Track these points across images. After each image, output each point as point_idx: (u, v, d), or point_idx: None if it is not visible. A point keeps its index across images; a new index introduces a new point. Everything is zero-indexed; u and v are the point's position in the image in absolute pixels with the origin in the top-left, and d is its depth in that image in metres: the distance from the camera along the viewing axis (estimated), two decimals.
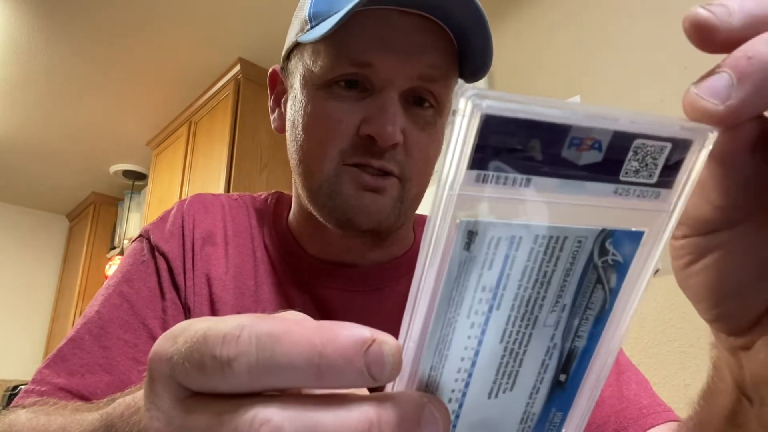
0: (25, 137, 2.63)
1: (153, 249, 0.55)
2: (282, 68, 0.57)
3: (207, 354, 0.17)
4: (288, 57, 0.55)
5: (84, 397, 0.47)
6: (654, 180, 0.18)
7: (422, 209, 0.58)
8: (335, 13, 0.47)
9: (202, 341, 0.17)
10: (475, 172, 0.16)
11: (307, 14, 0.50)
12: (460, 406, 0.20)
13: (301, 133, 0.51)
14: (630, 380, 0.51)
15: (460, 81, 0.55)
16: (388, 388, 0.19)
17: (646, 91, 1.21)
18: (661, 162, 0.18)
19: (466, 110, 0.16)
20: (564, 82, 1.40)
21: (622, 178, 0.18)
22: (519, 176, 0.17)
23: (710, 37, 0.18)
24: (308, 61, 0.51)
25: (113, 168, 2.96)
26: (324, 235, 0.55)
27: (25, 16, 1.84)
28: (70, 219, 3.55)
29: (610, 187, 0.18)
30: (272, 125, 0.60)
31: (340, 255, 0.56)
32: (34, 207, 3.48)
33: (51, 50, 2.01)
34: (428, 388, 0.20)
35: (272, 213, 0.61)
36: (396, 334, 0.18)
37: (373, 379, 0.17)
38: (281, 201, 0.63)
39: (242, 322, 0.17)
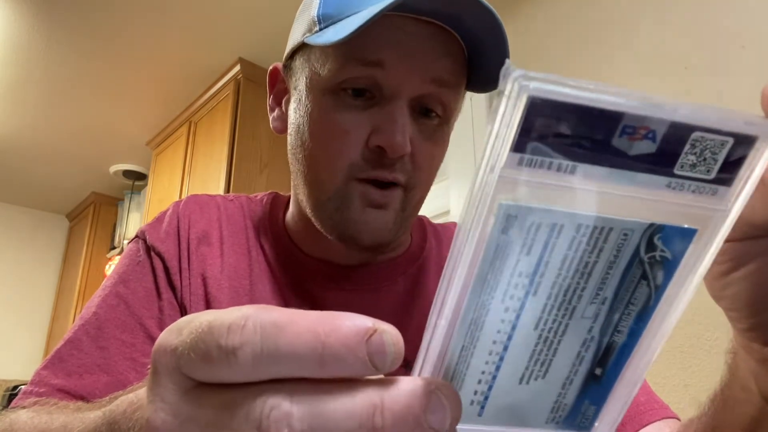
0: (25, 137, 2.63)
1: (149, 249, 0.55)
2: (285, 66, 0.56)
3: (212, 344, 0.17)
4: (292, 56, 0.54)
5: (83, 398, 0.47)
6: (712, 176, 0.17)
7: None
8: (346, 17, 0.46)
9: (207, 331, 0.18)
10: (517, 156, 0.16)
11: (315, 15, 0.49)
12: (490, 388, 0.20)
13: (307, 139, 0.51)
14: None
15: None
16: (417, 365, 0.19)
17: (646, 91, 1.21)
18: (721, 157, 0.17)
19: (512, 92, 0.15)
20: None
21: (676, 172, 0.17)
22: (564, 162, 0.16)
23: None
24: (316, 64, 0.49)
25: (113, 168, 2.96)
26: (320, 235, 0.54)
27: (25, 16, 1.84)
28: (70, 219, 3.55)
29: (662, 180, 0.17)
30: (271, 125, 0.59)
31: (336, 255, 0.56)
32: (34, 207, 3.48)
33: (51, 50, 2.01)
34: (458, 366, 0.19)
35: (268, 213, 0.61)
36: None
37: (375, 368, 0.17)
38: (277, 201, 0.63)
39: (246, 312, 0.18)
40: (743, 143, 0.17)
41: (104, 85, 2.24)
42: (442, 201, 1.55)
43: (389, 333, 0.17)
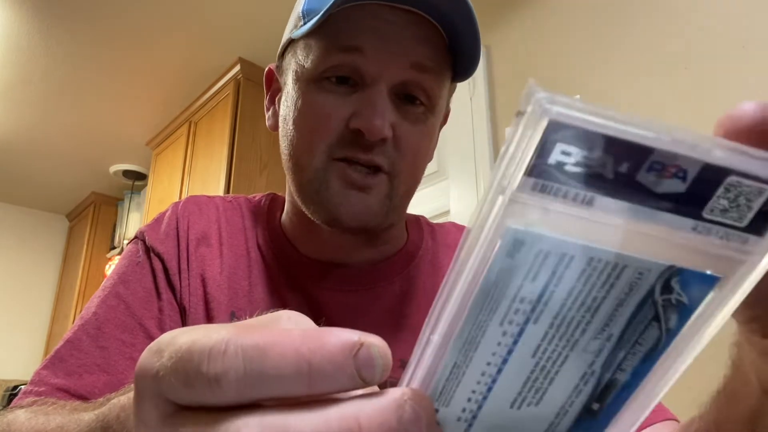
0: (25, 137, 2.63)
1: (148, 250, 0.55)
2: (277, 67, 0.58)
3: (193, 370, 0.17)
4: (283, 55, 0.56)
5: (82, 397, 0.47)
6: (744, 224, 0.16)
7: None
8: (326, 8, 0.47)
9: (188, 357, 0.17)
10: (532, 180, 0.15)
11: (300, 11, 0.51)
12: (479, 407, 0.20)
13: (291, 128, 0.52)
14: None
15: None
16: (405, 379, 0.19)
17: (646, 92, 1.21)
18: (757, 206, 0.16)
19: (532, 113, 0.14)
20: (564, 82, 1.40)
21: (705, 216, 0.16)
22: (582, 192, 0.15)
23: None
24: (300, 57, 0.51)
25: (113, 168, 2.96)
26: (316, 233, 0.55)
27: (25, 17, 1.84)
28: (70, 219, 3.55)
29: (689, 222, 0.16)
30: (267, 123, 0.60)
31: (333, 254, 0.56)
32: (34, 207, 3.48)
33: (51, 50, 2.01)
34: (448, 383, 0.19)
35: (266, 214, 0.61)
36: (389, 333, 0.18)
37: (364, 381, 0.17)
38: (275, 202, 0.63)
39: (226, 335, 0.17)
40: None
41: (104, 85, 2.24)
42: (442, 201, 1.55)
43: (376, 345, 0.17)
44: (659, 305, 0.18)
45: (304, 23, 0.49)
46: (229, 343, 0.16)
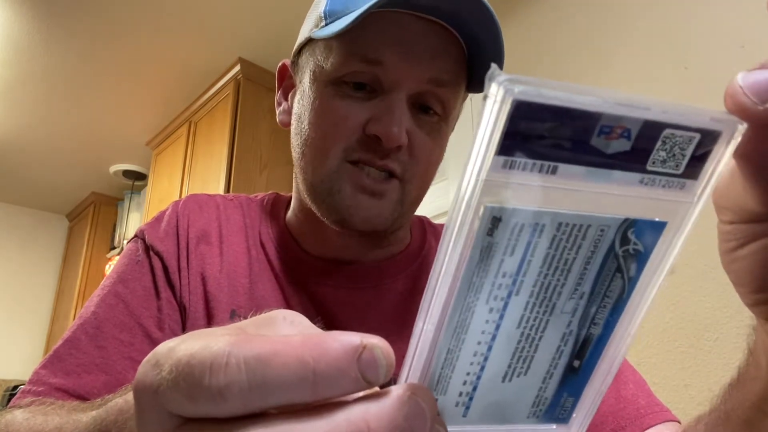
0: (25, 137, 2.63)
1: (148, 249, 0.55)
2: (292, 63, 0.58)
3: (195, 384, 0.16)
4: (299, 52, 0.56)
5: (81, 397, 0.47)
6: (680, 171, 0.18)
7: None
8: (351, 12, 0.48)
9: (188, 371, 0.16)
10: (502, 158, 0.16)
11: (322, 11, 0.51)
12: (475, 388, 0.20)
13: (306, 127, 0.52)
14: (627, 380, 0.51)
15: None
16: (404, 372, 0.19)
17: (646, 92, 1.20)
18: (688, 152, 0.18)
19: (497, 95, 0.15)
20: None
21: (649, 168, 0.18)
22: (546, 163, 0.17)
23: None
24: (320, 57, 0.51)
25: (113, 168, 2.96)
26: (323, 232, 0.55)
27: (25, 16, 1.84)
28: (70, 219, 3.55)
29: (636, 176, 0.18)
30: (277, 118, 0.60)
31: (338, 253, 0.57)
32: (34, 207, 3.48)
33: (51, 50, 2.01)
34: (444, 370, 0.20)
35: (269, 212, 0.61)
36: (393, 331, 0.18)
37: (368, 383, 0.17)
38: (278, 201, 0.63)
39: (226, 347, 0.16)
40: (709, 138, 0.18)
41: (104, 85, 2.24)
42: (442, 201, 1.55)
43: (379, 347, 0.17)
44: (620, 257, 0.19)
45: (326, 24, 0.50)
46: (230, 356, 0.16)
